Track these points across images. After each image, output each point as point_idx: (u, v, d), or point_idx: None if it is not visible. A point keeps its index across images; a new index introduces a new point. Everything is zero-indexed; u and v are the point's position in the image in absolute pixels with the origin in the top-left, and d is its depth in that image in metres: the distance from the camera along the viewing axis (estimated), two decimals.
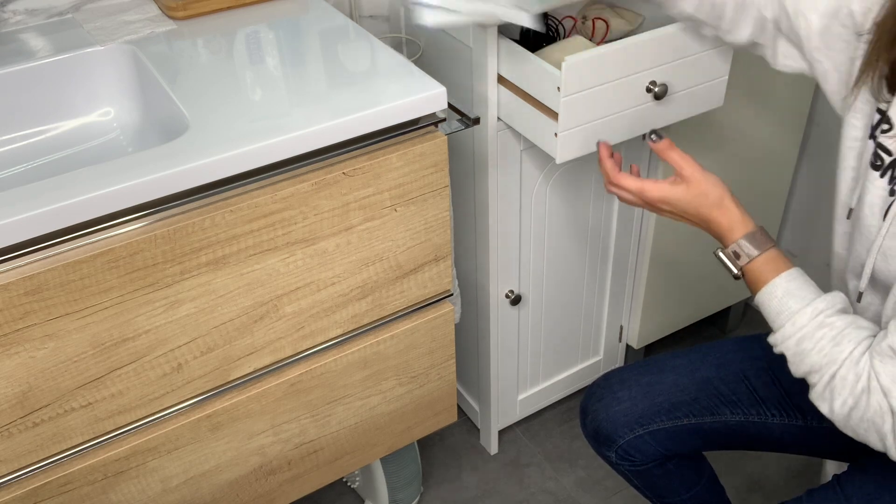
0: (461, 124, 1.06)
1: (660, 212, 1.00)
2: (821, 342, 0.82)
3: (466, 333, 1.55)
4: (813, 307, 0.84)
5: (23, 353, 0.85)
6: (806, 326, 0.83)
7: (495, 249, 1.37)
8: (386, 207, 1.01)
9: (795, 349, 0.84)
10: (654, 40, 1.12)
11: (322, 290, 1.02)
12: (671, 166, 0.97)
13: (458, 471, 1.64)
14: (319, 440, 1.16)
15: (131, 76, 1.11)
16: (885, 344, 0.78)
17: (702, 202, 0.94)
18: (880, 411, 0.78)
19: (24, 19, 1.17)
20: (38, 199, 0.81)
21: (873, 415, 0.79)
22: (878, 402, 0.78)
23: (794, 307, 0.85)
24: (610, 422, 1.10)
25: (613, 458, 1.13)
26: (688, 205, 0.95)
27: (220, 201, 0.90)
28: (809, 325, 0.83)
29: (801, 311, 0.84)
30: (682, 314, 1.74)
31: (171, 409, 1.00)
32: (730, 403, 1.08)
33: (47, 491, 0.96)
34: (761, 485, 1.60)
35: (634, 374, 1.13)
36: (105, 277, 0.86)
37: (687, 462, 1.17)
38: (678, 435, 1.09)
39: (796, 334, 0.84)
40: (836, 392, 0.81)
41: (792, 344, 0.84)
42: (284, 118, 0.93)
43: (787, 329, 0.85)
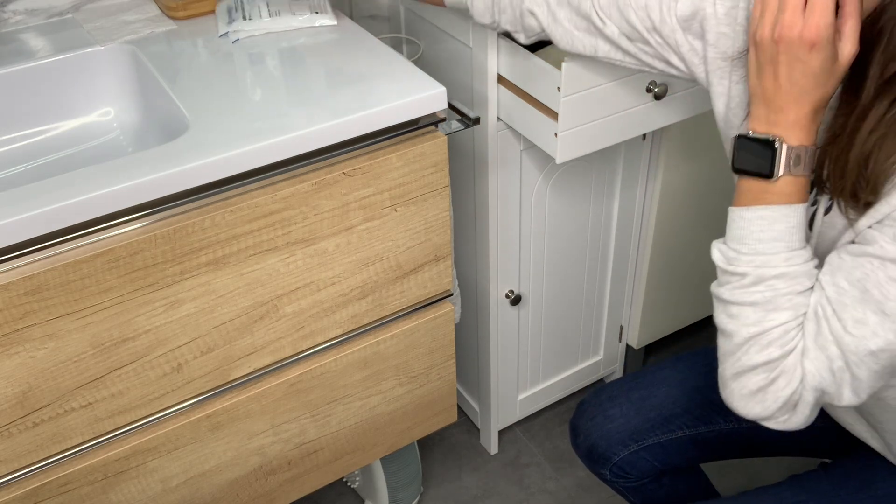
0: (461, 124, 1.06)
1: (773, 55, 0.74)
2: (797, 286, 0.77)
3: (466, 333, 1.55)
4: (809, 252, 0.78)
5: (23, 353, 0.85)
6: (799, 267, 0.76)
7: (495, 249, 1.37)
8: (386, 207, 1.01)
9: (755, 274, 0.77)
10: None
11: (322, 290, 1.02)
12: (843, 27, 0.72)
13: (458, 471, 1.64)
14: (319, 440, 1.16)
15: (131, 76, 1.11)
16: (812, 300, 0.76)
17: (822, 86, 0.74)
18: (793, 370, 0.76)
19: (24, 19, 1.17)
20: (38, 199, 0.81)
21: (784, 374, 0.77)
22: (794, 362, 0.76)
23: (796, 244, 0.77)
24: (604, 439, 1.09)
25: (608, 475, 1.12)
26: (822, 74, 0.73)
27: (220, 201, 0.90)
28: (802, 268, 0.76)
29: (802, 250, 0.77)
30: (682, 314, 1.74)
31: (171, 409, 1.00)
32: (722, 411, 1.07)
33: (47, 491, 0.96)
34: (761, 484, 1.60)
35: (624, 389, 1.12)
36: (105, 277, 0.86)
37: (682, 475, 1.16)
38: (673, 448, 1.09)
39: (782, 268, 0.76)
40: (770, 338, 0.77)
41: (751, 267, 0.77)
42: (284, 118, 0.93)
43: (780, 257, 0.77)
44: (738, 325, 0.78)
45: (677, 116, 1.23)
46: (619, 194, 1.46)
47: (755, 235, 0.77)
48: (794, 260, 0.76)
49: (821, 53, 0.71)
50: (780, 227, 0.76)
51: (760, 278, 0.77)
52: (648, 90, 1.16)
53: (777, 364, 0.76)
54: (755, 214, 0.77)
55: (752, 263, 0.77)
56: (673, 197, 1.50)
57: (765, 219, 0.77)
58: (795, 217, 0.76)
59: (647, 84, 1.15)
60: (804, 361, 0.76)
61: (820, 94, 0.73)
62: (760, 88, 0.75)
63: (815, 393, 0.76)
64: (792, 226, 0.76)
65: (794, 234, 0.77)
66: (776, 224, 0.76)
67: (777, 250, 0.77)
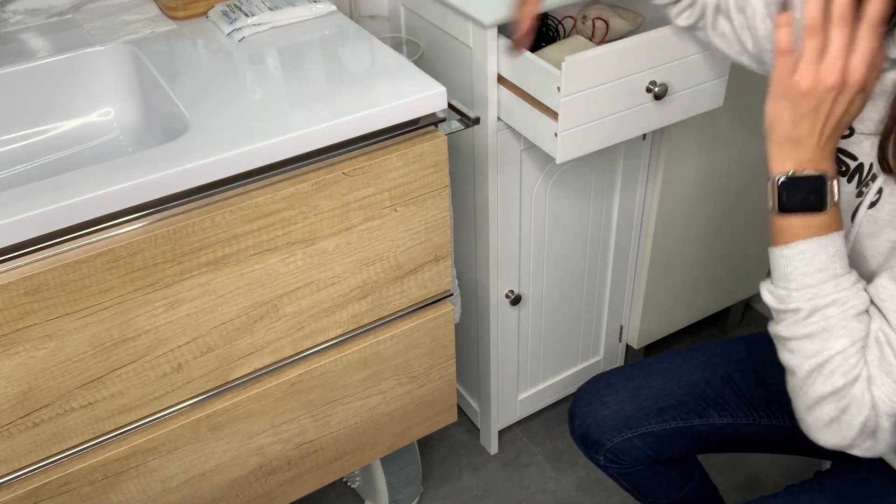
0: (461, 124, 1.06)
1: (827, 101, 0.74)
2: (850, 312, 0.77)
3: (466, 333, 1.55)
4: (856, 275, 0.78)
5: (23, 353, 0.85)
6: (847, 290, 0.76)
7: (495, 249, 1.37)
8: (386, 207, 1.01)
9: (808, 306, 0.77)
10: (654, 40, 1.12)
11: (322, 290, 1.02)
12: None
13: (458, 471, 1.64)
14: (319, 440, 1.16)
15: (131, 76, 1.11)
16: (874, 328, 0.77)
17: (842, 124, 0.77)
18: (861, 400, 0.76)
19: (24, 19, 1.17)
20: (38, 199, 0.81)
21: (852, 403, 0.77)
22: (860, 391, 0.76)
23: (839, 270, 0.77)
24: (597, 425, 1.11)
25: (601, 460, 1.13)
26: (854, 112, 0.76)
27: (220, 201, 0.90)
28: (849, 291, 0.76)
29: (847, 275, 0.77)
30: (682, 314, 1.74)
31: (171, 409, 1.00)
32: (717, 406, 1.08)
33: (47, 491, 0.96)
34: (760, 485, 1.60)
35: (621, 378, 1.13)
36: (105, 277, 0.86)
37: (676, 464, 1.17)
38: (666, 438, 1.09)
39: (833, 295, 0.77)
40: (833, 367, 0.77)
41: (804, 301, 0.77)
42: (284, 118, 0.93)
43: (829, 286, 0.77)
44: (800, 359, 0.79)
45: (677, 116, 1.23)
46: (619, 194, 1.46)
47: (800, 270, 0.78)
48: (842, 284, 0.77)
49: (865, 92, 0.73)
50: (822, 258, 0.77)
51: (813, 309, 0.77)
52: (648, 90, 1.16)
53: (844, 393, 0.76)
54: (795, 251, 0.78)
55: (802, 297, 0.78)
56: (673, 197, 1.50)
57: (805, 252, 0.77)
58: (834, 245, 0.77)
59: (647, 84, 1.15)
60: (872, 389, 0.76)
61: (846, 128, 0.76)
62: (796, 134, 0.76)
63: (890, 419, 0.76)
64: (832, 254, 0.77)
65: (836, 261, 0.77)
66: (818, 256, 0.77)
67: (823, 280, 0.77)
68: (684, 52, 1.16)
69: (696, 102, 1.23)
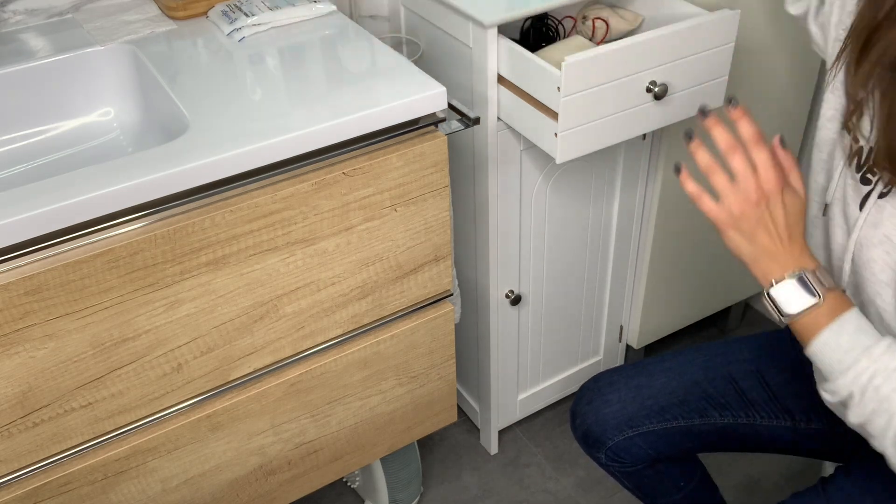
0: (461, 124, 1.06)
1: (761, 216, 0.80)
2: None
3: (466, 333, 1.55)
4: (887, 341, 0.77)
5: (23, 353, 0.85)
6: (884, 356, 0.76)
7: (495, 249, 1.37)
8: (386, 207, 1.01)
9: (869, 384, 0.76)
10: (654, 40, 1.12)
11: (322, 290, 1.02)
12: (788, 168, 0.83)
13: (458, 471, 1.64)
14: (319, 440, 1.16)
15: (131, 76, 1.11)
16: None
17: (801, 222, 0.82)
18: None
19: (24, 19, 1.17)
20: (38, 199, 0.81)
21: None
22: None
23: (868, 342, 0.77)
24: (599, 424, 1.11)
25: (603, 459, 1.13)
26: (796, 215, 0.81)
27: (220, 201, 0.90)
28: (887, 355, 0.76)
29: (877, 343, 0.77)
30: (682, 314, 1.74)
31: (171, 409, 1.00)
32: (718, 406, 1.08)
33: (47, 491, 0.96)
34: (760, 485, 1.60)
35: (623, 376, 1.13)
36: (105, 277, 0.86)
37: (677, 463, 1.17)
38: (668, 437, 1.09)
39: (871, 367, 0.76)
40: None
41: (865, 379, 0.76)
42: (284, 118, 0.93)
43: (863, 363, 0.76)
44: (880, 439, 0.78)
45: (677, 116, 1.23)
46: (619, 194, 1.46)
47: (834, 360, 0.78)
48: (874, 353, 0.76)
49: (792, 185, 0.80)
50: (845, 340, 0.78)
51: (863, 389, 0.77)
52: (648, 90, 1.16)
53: None
54: (820, 345, 0.79)
55: (847, 382, 0.78)
56: (673, 197, 1.50)
57: (828, 342, 0.79)
58: (851, 323, 0.78)
59: (647, 84, 1.15)
60: None
61: (804, 222, 0.81)
62: (760, 249, 0.81)
63: None
64: (853, 331, 0.78)
65: (860, 336, 0.77)
66: (840, 338, 0.78)
67: (856, 357, 0.77)
68: (684, 52, 1.16)
69: (695, 102, 1.23)
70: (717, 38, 1.18)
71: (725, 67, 1.23)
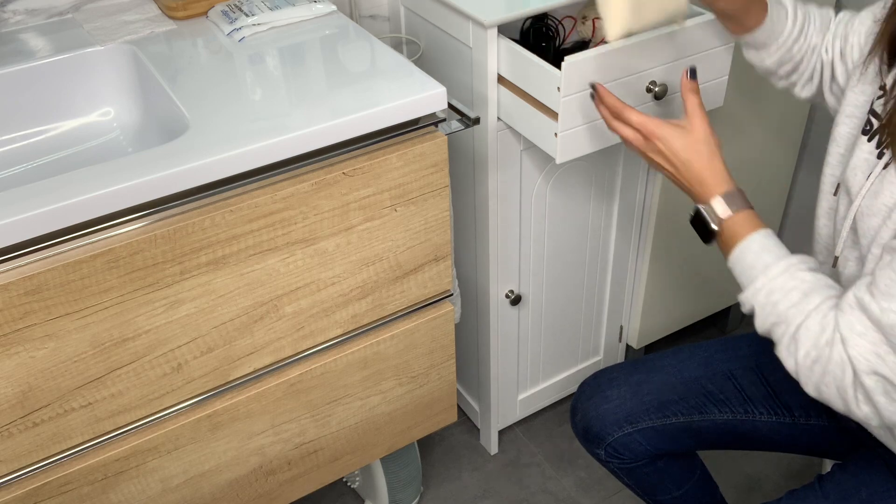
0: (461, 124, 1.06)
1: (654, 155, 0.97)
2: (791, 293, 0.82)
3: (466, 333, 1.55)
4: (786, 261, 0.84)
5: (23, 353, 0.85)
6: (778, 278, 0.84)
7: (495, 249, 1.37)
8: (386, 207, 1.01)
9: (765, 301, 0.84)
10: (654, 40, 1.12)
11: (322, 290, 1.02)
12: (685, 108, 0.97)
13: (458, 471, 1.64)
14: (319, 440, 1.16)
15: (131, 76, 1.11)
16: (850, 294, 0.79)
17: (695, 155, 0.93)
18: (841, 363, 0.78)
19: (24, 19, 1.17)
20: (38, 199, 0.81)
21: (834, 367, 0.79)
22: (839, 354, 0.78)
23: (768, 260, 0.85)
24: (599, 420, 1.11)
25: (602, 455, 1.14)
26: (682, 151, 0.93)
27: (220, 201, 0.90)
28: (781, 278, 0.84)
29: (775, 263, 0.85)
30: (682, 314, 1.74)
31: (171, 409, 1.00)
32: (717, 402, 1.08)
33: (47, 491, 0.96)
34: (760, 484, 1.60)
35: (623, 372, 1.13)
36: (105, 277, 0.86)
37: (677, 460, 1.17)
38: (667, 433, 1.10)
39: (768, 285, 0.84)
40: (801, 343, 0.81)
41: (762, 296, 0.85)
42: (284, 118, 0.93)
43: (760, 281, 0.85)
44: (777, 338, 0.85)
45: (677, 116, 1.23)
46: (619, 194, 1.46)
47: (742, 273, 0.88)
48: (771, 272, 0.85)
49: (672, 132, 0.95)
50: (750, 257, 0.87)
51: (762, 305, 0.86)
52: (648, 90, 1.16)
53: (820, 356, 0.81)
54: (732, 259, 0.90)
55: (748, 297, 0.87)
56: (673, 197, 1.50)
57: (737, 259, 0.89)
58: (756, 242, 0.87)
59: (647, 84, 1.15)
60: (847, 350, 0.78)
61: (698, 160, 0.93)
62: (673, 180, 0.97)
63: (871, 378, 0.77)
64: (757, 249, 0.87)
65: (763, 255, 0.86)
66: (746, 255, 0.88)
67: (755, 276, 0.86)
68: (684, 52, 1.16)
69: None
70: (717, 38, 1.18)
71: (725, 67, 1.23)
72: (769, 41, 1.04)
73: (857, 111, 0.92)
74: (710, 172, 0.92)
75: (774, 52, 1.04)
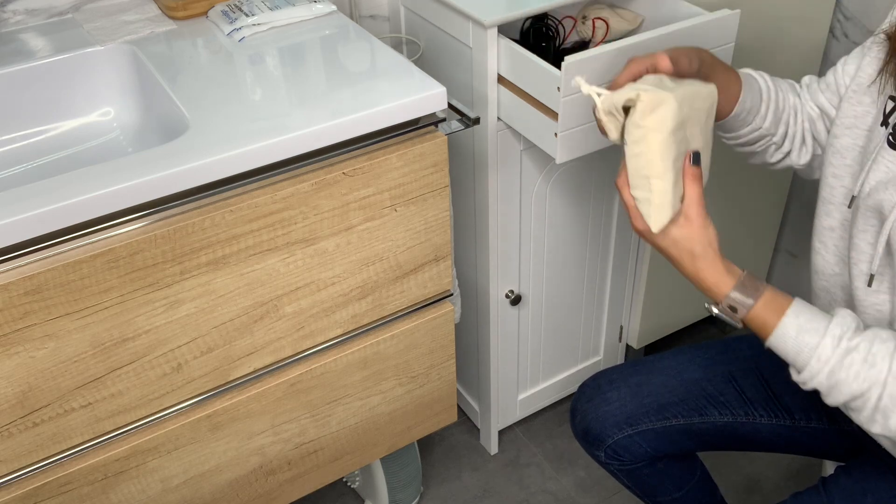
0: (461, 124, 1.06)
1: (664, 249, 0.90)
2: (853, 368, 0.79)
3: (466, 333, 1.55)
4: (831, 336, 0.81)
5: (23, 353, 0.85)
6: (832, 358, 0.80)
7: (495, 249, 1.37)
8: (386, 207, 1.01)
9: (828, 382, 0.81)
10: (654, 40, 1.12)
11: (322, 290, 1.02)
12: (685, 195, 0.89)
13: (458, 471, 1.64)
14: (319, 440, 1.16)
15: (131, 76, 1.11)
16: None
17: (697, 246, 0.87)
18: None
19: (24, 19, 1.17)
20: (38, 199, 0.81)
21: None
22: None
23: (812, 341, 0.81)
24: (599, 421, 1.11)
25: (602, 457, 1.14)
26: (683, 240, 0.87)
27: (220, 201, 0.90)
28: (835, 355, 0.80)
29: (821, 343, 0.81)
30: (682, 314, 1.74)
31: (171, 409, 1.00)
32: (718, 404, 1.08)
33: (47, 491, 0.96)
34: (760, 485, 1.60)
35: (623, 374, 1.13)
36: (105, 277, 0.86)
37: (677, 461, 1.17)
38: (667, 435, 1.10)
39: (824, 368, 0.80)
40: (890, 410, 0.78)
41: (823, 378, 0.81)
42: (284, 118, 0.93)
43: (814, 365, 0.81)
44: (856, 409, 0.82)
45: None
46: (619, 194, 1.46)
47: (789, 357, 0.84)
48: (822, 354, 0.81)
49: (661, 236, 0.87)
50: (791, 344, 0.83)
51: (828, 388, 0.82)
52: None
53: None
54: (772, 345, 0.85)
55: (808, 380, 0.83)
56: None
57: (777, 346, 0.84)
58: (791, 326, 0.82)
59: None
60: None
61: (694, 252, 0.86)
62: (684, 272, 0.89)
63: None
64: (795, 335, 0.82)
65: (804, 337, 0.82)
66: (787, 343, 0.83)
67: (805, 360, 0.82)
68: None
69: None
70: (717, 38, 1.18)
71: None
72: (757, 102, 1.01)
73: (857, 122, 0.91)
74: (713, 270, 0.86)
75: (766, 113, 1.01)
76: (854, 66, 0.95)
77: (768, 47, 1.43)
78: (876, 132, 0.89)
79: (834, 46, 1.57)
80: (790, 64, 1.49)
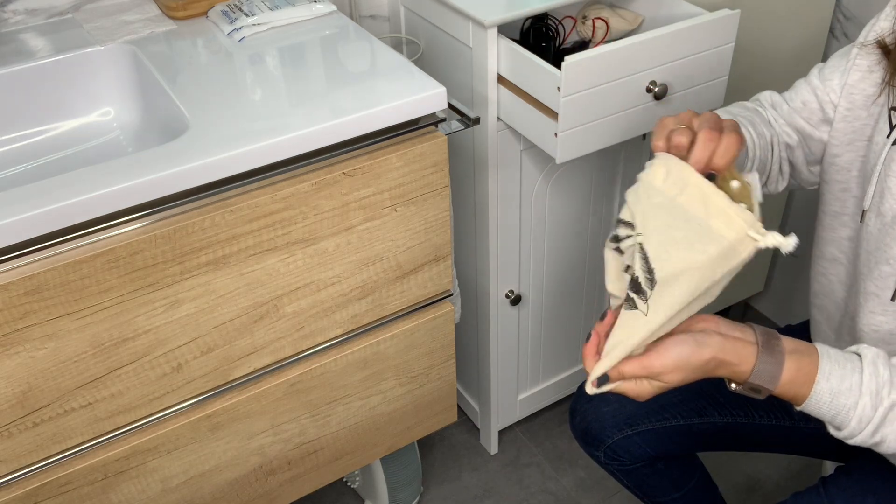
0: (461, 124, 1.06)
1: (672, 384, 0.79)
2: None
3: (466, 333, 1.55)
4: (868, 394, 0.76)
5: (23, 353, 0.85)
6: (874, 417, 0.76)
7: (495, 249, 1.37)
8: (386, 207, 1.01)
9: (873, 440, 0.77)
10: (654, 40, 1.12)
11: (322, 290, 1.02)
12: None
13: (458, 471, 1.64)
14: (319, 440, 1.16)
15: (131, 76, 1.11)
16: None
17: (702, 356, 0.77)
18: None
19: (24, 19, 1.17)
20: (38, 199, 0.81)
21: None
22: None
23: (849, 402, 0.76)
24: (598, 422, 1.11)
25: (602, 457, 1.13)
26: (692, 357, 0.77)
27: (220, 201, 0.90)
28: (877, 415, 0.76)
29: (859, 403, 0.76)
30: None
31: (171, 409, 1.00)
32: (717, 405, 1.08)
33: (47, 491, 0.96)
34: (761, 485, 1.60)
35: None
36: (105, 277, 0.86)
37: (677, 462, 1.17)
38: (667, 436, 1.10)
39: (867, 428, 0.76)
40: None
41: (867, 437, 0.77)
42: (284, 118, 0.93)
43: (854, 426, 0.77)
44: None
45: None
46: (619, 194, 1.46)
47: (826, 419, 0.79)
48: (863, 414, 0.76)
49: None
50: (825, 408, 0.77)
51: (875, 444, 0.77)
52: (648, 90, 1.16)
53: None
54: (807, 410, 0.79)
55: (853, 439, 0.78)
56: None
57: (812, 410, 0.78)
58: (825, 393, 0.76)
59: (647, 84, 1.15)
60: None
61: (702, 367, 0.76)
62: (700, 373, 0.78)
63: None
64: (829, 400, 0.77)
65: (839, 399, 0.76)
66: (821, 408, 0.78)
67: (845, 419, 0.77)
68: (684, 52, 1.16)
69: (695, 102, 1.23)
70: (717, 38, 1.18)
71: (725, 67, 1.23)
72: (743, 162, 0.95)
73: (857, 136, 0.90)
74: (724, 371, 0.78)
75: (752, 168, 0.96)
76: (838, 81, 0.92)
77: (768, 47, 1.43)
78: (884, 148, 0.87)
79: (834, 46, 1.57)
80: (790, 64, 1.49)
